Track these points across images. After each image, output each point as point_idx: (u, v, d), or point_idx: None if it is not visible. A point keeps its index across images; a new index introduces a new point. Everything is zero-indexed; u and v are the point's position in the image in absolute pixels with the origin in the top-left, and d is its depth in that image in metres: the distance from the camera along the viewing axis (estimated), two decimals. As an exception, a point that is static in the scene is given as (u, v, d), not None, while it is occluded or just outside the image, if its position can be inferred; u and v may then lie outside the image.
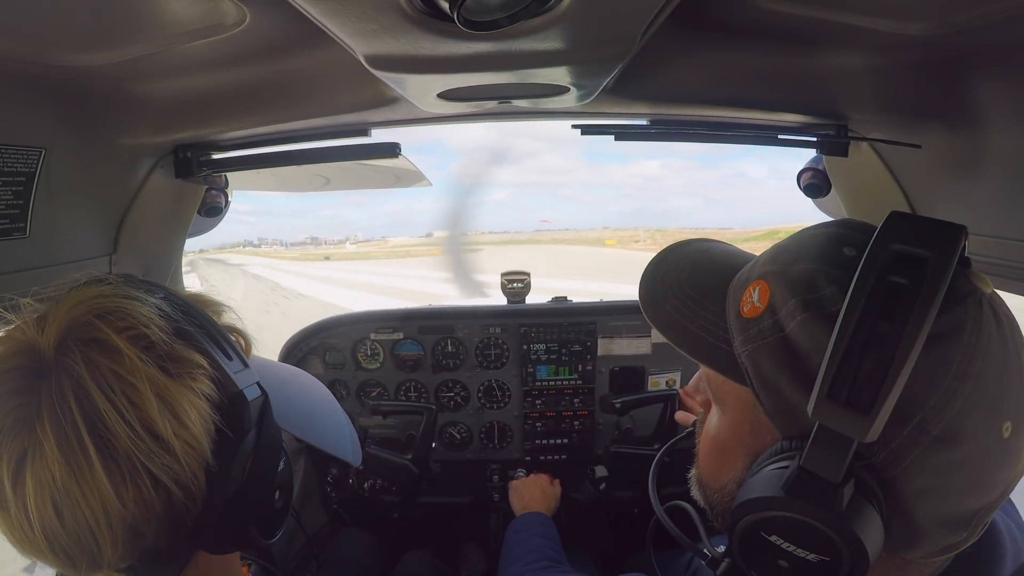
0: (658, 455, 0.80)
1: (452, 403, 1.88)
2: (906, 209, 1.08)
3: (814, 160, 1.31)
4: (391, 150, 1.20)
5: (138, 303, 0.49)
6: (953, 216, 0.46)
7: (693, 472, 0.61)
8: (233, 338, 0.58)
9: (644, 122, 1.23)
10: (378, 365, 1.87)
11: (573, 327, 1.83)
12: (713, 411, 0.57)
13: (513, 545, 1.23)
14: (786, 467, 0.43)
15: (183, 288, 1.32)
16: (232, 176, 1.40)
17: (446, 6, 0.55)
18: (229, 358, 0.52)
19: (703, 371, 0.59)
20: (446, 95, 0.92)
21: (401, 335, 1.85)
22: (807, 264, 0.47)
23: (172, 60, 0.87)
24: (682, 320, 0.55)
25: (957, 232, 0.41)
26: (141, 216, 1.13)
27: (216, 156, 1.22)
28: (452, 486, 1.89)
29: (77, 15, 0.69)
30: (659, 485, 1.54)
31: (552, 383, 1.85)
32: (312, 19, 0.63)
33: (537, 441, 1.87)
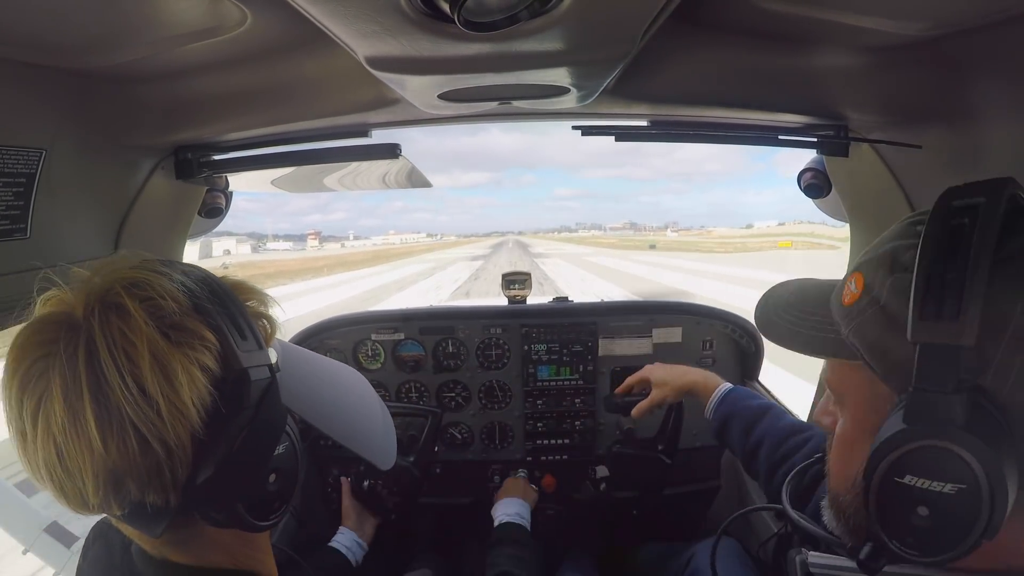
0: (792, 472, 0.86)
1: (453, 404, 1.88)
2: (907, 210, 1.08)
3: (815, 160, 1.31)
4: (391, 151, 1.20)
5: (163, 278, 0.53)
6: None
7: (827, 498, 0.63)
8: (262, 323, 0.61)
9: (644, 123, 1.23)
10: (379, 365, 1.87)
11: (574, 327, 1.83)
12: (839, 419, 0.61)
13: None
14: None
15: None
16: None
17: (447, 7, 0.56)
18: (243, 338, 0.55)
19: (826, 382, 0.64)
20: (446, 96, 0.92)
21: (402, 335, 1.85)
22: (888, 245, 0.54)
23: (173, 61, 0.88)
24: (793, 328, 0.64)
25: (1004, 180, 0.47)
26: (142, 217, 1.14)
27: (216, 157, 1.22)
28: (453, 487, 1.89)
29: (78, 17, 0.69)
30: (660, 485, 1.53)
31: (553, 383, 1.85)
32: (313, 20, 0.63)
33: (538, 441, 1.87)
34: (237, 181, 1.45)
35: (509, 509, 1.45)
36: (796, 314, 0.65)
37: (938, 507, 0.43)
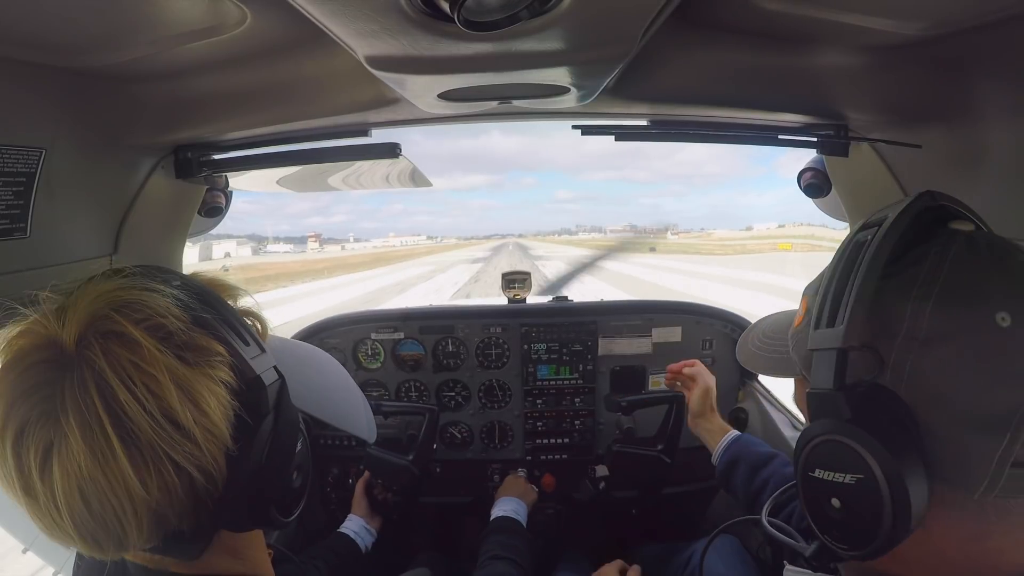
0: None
1: (453, 403, 1.88)
2: None
3: (815, 160, 1.31)
4: (391, 150, 1.20)
5: (155, 294, 0.50)
6: None
7: None
8: (249, 322, 0.59)
9: (644, 122, 1.23)
10: (379, 365, 1.87)
11: (574, 327, 1.83)
12: None
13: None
14: None
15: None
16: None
17: (447, 7, 0.56)
18: (246, 343, 0.53)
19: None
20: (446, 95, 0.92)
21: (402, 335, 1.85)
22: (825, 268, 0.56)
23: (173, 61, 0.88)
24: (758, 352, 0.71)
25: (920, 194, 0.50)
26: (142, 216, 1.14)
27: (216, 156, 1.22)
28: (453, 486, 1.89)
29: (78, 16, 0.69)
30: (660, 485, 1.53)
31: (553, 383, 1.85)
32: (313, 20, 0.63)
33: (538, 441, 1.87)
34: (237, 181, 1.45)
35: (505, 507, 1.47)
36: (764, 341, 0.71)
37: (846, 498, 0.46)
